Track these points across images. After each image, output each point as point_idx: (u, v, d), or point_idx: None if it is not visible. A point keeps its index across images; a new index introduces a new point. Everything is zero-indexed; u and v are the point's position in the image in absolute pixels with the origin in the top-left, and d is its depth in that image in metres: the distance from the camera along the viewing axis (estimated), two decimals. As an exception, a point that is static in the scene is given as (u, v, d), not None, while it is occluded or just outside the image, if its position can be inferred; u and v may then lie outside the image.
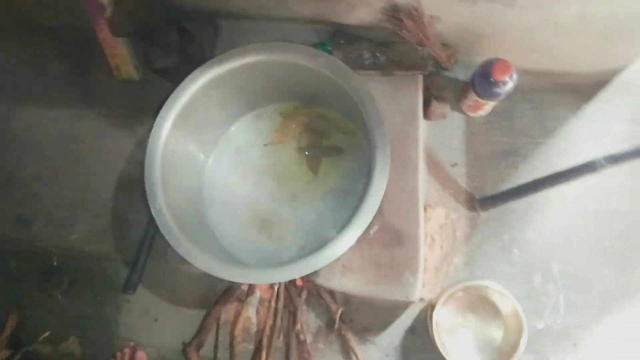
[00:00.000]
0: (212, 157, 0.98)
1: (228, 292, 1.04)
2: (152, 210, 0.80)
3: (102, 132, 1.16)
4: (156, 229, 1.05)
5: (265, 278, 0.81)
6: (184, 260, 0.81)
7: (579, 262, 1.00)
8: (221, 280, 1.03)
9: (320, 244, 0.79)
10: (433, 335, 0.93)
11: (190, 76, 0.84)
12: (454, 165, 1.06)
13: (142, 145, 1.13)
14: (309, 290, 1.03)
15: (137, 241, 1.07)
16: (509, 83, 0.91)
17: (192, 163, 0.93)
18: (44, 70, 1.23)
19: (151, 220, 1.07)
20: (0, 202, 1.18)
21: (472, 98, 0.98)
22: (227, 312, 1.05)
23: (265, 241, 0.96)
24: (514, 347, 0.91)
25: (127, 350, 1.01)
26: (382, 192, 0.79)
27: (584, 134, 1.05)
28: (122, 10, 0.96)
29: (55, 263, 1.13)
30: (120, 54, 1.10)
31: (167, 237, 0.79)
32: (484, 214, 1.03)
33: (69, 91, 1.20)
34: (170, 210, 0.82)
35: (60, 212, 1.14)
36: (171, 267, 1.05)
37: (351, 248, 0.94)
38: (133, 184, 1.10)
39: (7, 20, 1.22)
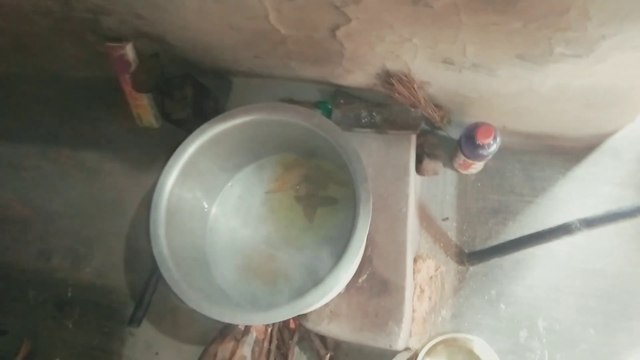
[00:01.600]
0: (216, 203, 1.06)
1: (225, 330, 1.09)
2: (154, 251, 0.88)
3: (122, 173, 1.26)
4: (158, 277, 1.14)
5: (252, 320, 0.86)
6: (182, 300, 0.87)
7: (565, 320, 1.02)
8: (218, 320, 1.09)
9: (308, 289, 0.85)
10: (417, 385, 0.96)
11: (198, 130, 0.93)
12: (445, 219, 1.11)
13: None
14: (301, 333, 1.08)
15: (145, 277, 1.15)
16: (492, 145, 0.97)
17: (196, 209, 1.01)
18: (73, 116, 1.36)
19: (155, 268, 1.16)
20: (25, 234, 1.28)
21: (461, 157, 1.04)
22: (224, 350, 1.09)
23: (259, 284, 1.01)
24: (495, 401, 0.93)
25: None
26: (363, 242, 0.84)
27: (572, 195, 1.09)
28: (142, 69, 1.08)
29: (69, 294, 1.21)
30: (142, 105, 1.21)
31: (164, 276, 0.86)
32: (472, 268, 1.07)
33: (95, 135, 1.32)
34: (171, 252, 0.89)
35: (79, 246, 1.23)
36: (174, 305, 1.12)
37: (340, 295, 0.99)
38: (145, 225, 1.18)
39: (47, 70, 1.35)
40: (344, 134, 0.90)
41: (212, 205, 1.05)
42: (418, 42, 0.87)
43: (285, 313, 0.83)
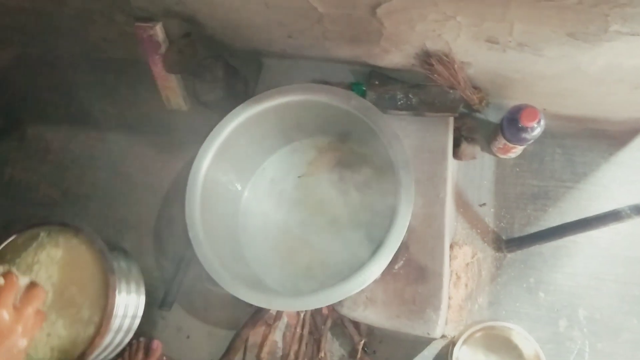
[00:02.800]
0: (248, 186, 1.05)
1: (257, 315, 1.09)
2: (190, 234, 0.87)
3: (151, 156, 1.25)
4: (193, 253, 1.13)
5: (288, 305, 0.84)
6: (216, 284, 0.86)
7: (607, 309, 0.99)
8: (251, 304, 1.08)
9: (345, 276, 0.83)
10: (453, 373, 0.94)
11: (232, 112, 0.91)
12: (482, 205, 1.08)
13: (185, 170, 1.21)
14: (333, 319, 1.06)
15: (176, 260, 1.14)
16: (536, 129, 0.93)
17: (229, 191, 1.00)
18: (101, 98, 1.34)
19: (189, 243, 1.15)
20: (52, 216, 1.27)
21: (501, 141, 1.01)
22: (255, 334, 1.09)
23: (293, 269, 1.00)
24: (535, 390, 0.91)
25: (142, 339, 1.06)
26: (404, 230, 0.82)
27: (615, 181, 1.05)
28: (174, 49, 1.05)
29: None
30: (171, 87, 1.19)
31: (201, 261, 0.85)
32: (510, 255, 1.04)
33: (125, 117, 1.30)
34: (206, 235, 0.88)
35: (108, 229, 1.22)
36: (205, 288, 1.11)
37: (376, 281, 0.97)
38: (175, 206, 1.18)
39: (76, 51, 1.34)
40: (383, 116, 0.87)
41: (244, 189, 1.04)
42: (462, 20, 0.84)
43: (322, 300, 0.82)
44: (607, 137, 1.07)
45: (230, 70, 1.12)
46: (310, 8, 0.89)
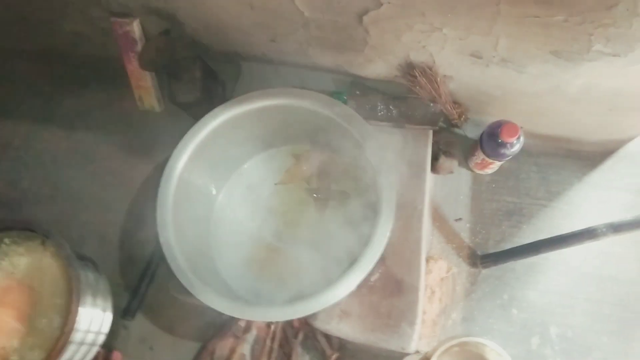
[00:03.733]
0: (223, 191, 1.01)
1: (225, 327, 1.05)
2: (161, 238, 0.83)
3: (120, 157, 1.20)
4: (161, 258, 1.08)
5: (262, 315, 0.82)
6: (184, 292, 0.82)
7: (578, 327, 0.99)
8: (220, 315, 1.02)
9: (320, 287, 0.81)
10: (426, 390, 0.92)
11: (211, 113, 0.88)
12: (458, 219, 1.08)
13: (156, 173, 1.17)
14: (305, 332, 1.03)
15: (141, 267, 1.09)
16: (515, 145, 0.94)
17: (203, 195, 0.96)
18: (70, 95, 1.28)
19: (156, 249, 1.10)
20: (10, 218, 1.20)
21: (480, 156, 1.01)
22: (222, 347, 1.04)
23: (266, 279, 0.97)
24: (507, 409, 0.90)
25: (101, 350, 1.00)
26: (385, 240, 0.81)
27: (588, 200, 1.07)
28: (152, 46, 1.02)
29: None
30: (145, 86, 1.15)
31: (171, 266, 0.81)
32: (485, 271, 1.04)
33: (94, 116, 1.25)
34: (177, 239, 0.84)
35: (70, 232, 1.16)
36: (171, 297, 1.05)
37: (351, 294, 0.95)
38: (143, 211, 1.12)
39: (45, 45, 1.28)
40: (367, 125, 0.86)
41: (219, 193, 1.01)
42: (448, 33, 0.84)
43: (297, 311, 0.80)
44: (581, 158, 1.09)
45: (208, 72, 1.09)
46: (297, 12, 0.87)
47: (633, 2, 0.65)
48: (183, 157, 0.87)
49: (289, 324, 1.04)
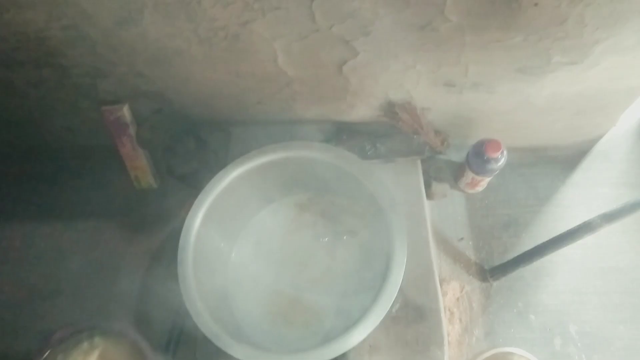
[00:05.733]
0: (235, 250, 1.04)
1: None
2: (187, 303, 0.84)
3: (123, 238, 1.21)
4: (181, 330, 1.08)
5: (300, 362, 0.82)
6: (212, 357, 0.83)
7: (594, 321, 1.03)
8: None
9: (345, 327, 0.83)
10: (466, 410, 0.93)
11: (217, 177, 0.92)
12: (460, 239, 1.13)
13: (162, 248, 1.19)
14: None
15: (162, 343, 1.08)
16: (501, 159, 1.01)
17: (218, 256, 0.99)
18: (65, 187, 1.31)
19: (176, 322, 1.10)
20: (21, 317, 1.19)
21: (469, 176, 1.07)
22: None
23: (291, 328, 0.98)
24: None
25: None
26: (402, 271, 0.84)
27: (575, 200, 1.14)
28: (146, 127, 1.07)
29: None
30: (140, 166, 1.18)
31: (203, 330, 0.82)
32: (496, 284, 1.08)
33: (92, 204, 1.27)
34: (202, 303, 0.85)
35: (84, 319, 1.15)
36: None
37: (376, 327, 0.97)
38: (155, 287, 1.14)
39: (37, 142, 1.31)
40: (364, 162, 0.91)
41: (231, 252, 1.03)
42: (421, 68, 0.92)
43: (326, 354, 0.81)
44: (560, 162, 1.17)
45: (201, 142, 1.14)
46: (281, 73, 0.94)
47: (580, 15, 0.75)
48: (196, 223, 0.90)
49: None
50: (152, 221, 1.22)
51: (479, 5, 0.74)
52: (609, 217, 0.87)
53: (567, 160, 1.17)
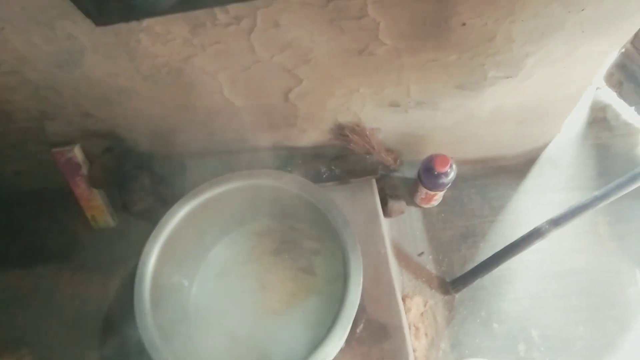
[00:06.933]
0: (195, 283, 1.03)
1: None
2: (146, 343, 0.82)
3: (83, 280, 1.18)
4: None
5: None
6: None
7: (555, 324, 1.05)
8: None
9: (308, 352, 0.83)
10: None
11: (171, 210, 0.92)
12: (420, 254, 1.14)
13: (124, 286, 1.17)
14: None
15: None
16: (450, 173, 1.04)
17: (177, 291, 0.97)
18: (20, 234, 1.28)
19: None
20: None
21: (423, 191, 1.10)
22: None
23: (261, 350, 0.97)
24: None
25: None
26: (359, 290, 0.85)
27: (527, 207, 1.17)
28: (98, 166, 1.06)
29: None
30: (96, 205, 1.17)
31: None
32: (458, 295, 1.10)
33: (49, 249, 1.24)
34: (163, 342, 0.84)
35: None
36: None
37: (342, 350, 0.97)
38: (118, 327, 1.11)
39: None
40: (316, 186, 0.92)
41: (191, 287, 1.02)
42: (365, 91, 0.94)
43: None
44: (510, 171, 1.21)
45: (155, 177, 1.13)
46: (228, 104, 0.95)
47: (507, 31, 0.78)
48: (151, 259, 0.88)
49: (289, 399, 1.04)
50: (112, 260, 1.19)
51: (411, 27, 0.77)
52: (556, 222, 0.90)
53: (517, 169, 1.21)
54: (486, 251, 1.13)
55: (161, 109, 0.97)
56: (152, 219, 1.01)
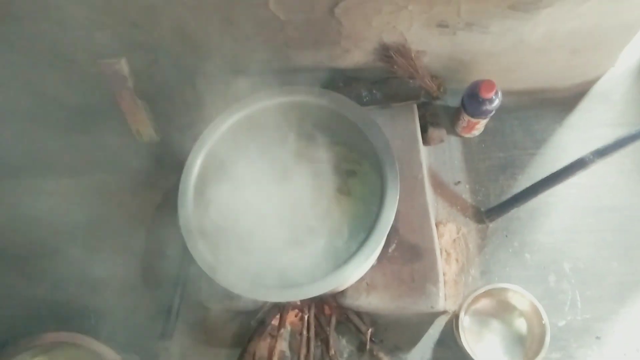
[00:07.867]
0: (233, 192, 1.05)
1: (260, 328, 1.08)
2: (188, 243, 0.86)
3: (129, 190, 1.24)
4: (186, 277, 1.12)
5: (298, 294, 0.85)
6: (216, 300, 0.85)
7: (587, 258, 1.06)
8: (254, 316, 1.08)
9: (343, 261, 0.85)
10: (462, 344, 0.96)
11: (213, 124, 0.94)
12: (457, 183, 1.14)
13: (166, 200, 1.22)
14: (337, 317, 1.07)
15: (169, 290, 1.13)
16: (495, 100, 1.01)
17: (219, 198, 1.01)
18: (69, 144, 1.33)
19: (182, 268, 1.14)
20: (30, 270, 1.24)
21: (465, 119, 1.08)
22: (261, 348, 1.08)
23: (293, 262, 1.01)
24: (540, 344, 0.94)
25: None
26: (394, 210, 0.86)
27: (571, 141, 1.14)
28: (145, 77, 1.08)
29: (92, 322, 1.17)
30: (141, 119, 1.20)
31: (199, 263, 0.84)
32: (492, 225, 1.10)
33: (96, 160, 1.29)
34: (203, 238, 0.88)
35: (94, 270, 1.19)
36: (204, 310, 1.10)
37: (373, 267, 1.00)
38: (162, 235, 1.17)
39: (36, 101, 1.33)
40: (358, 106, 0.92)
41: (230, 195, 1.05)
42: (413, 9, 0.91)
43: (322, 286, 0.82)
44: (556, 104, 1.17)
45: (198, 92, 1.14)
46: (272, 17, 0.94)
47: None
48: (194, 171, 0.92)
49: (320, 311, 1.09)
50: (156, 173, 1.24)
51: (468, -63, 0.74)
52: (601, 153, 0.89)
53: (564, 102, 1.17)
54: (524, 183, 1.11)
55: (204, 22, 0.97)
56: (193, 135, 1.03)
